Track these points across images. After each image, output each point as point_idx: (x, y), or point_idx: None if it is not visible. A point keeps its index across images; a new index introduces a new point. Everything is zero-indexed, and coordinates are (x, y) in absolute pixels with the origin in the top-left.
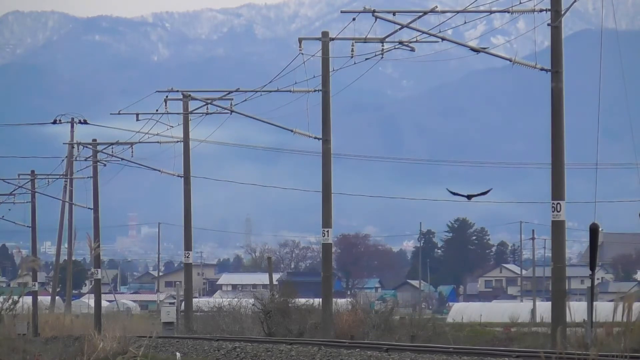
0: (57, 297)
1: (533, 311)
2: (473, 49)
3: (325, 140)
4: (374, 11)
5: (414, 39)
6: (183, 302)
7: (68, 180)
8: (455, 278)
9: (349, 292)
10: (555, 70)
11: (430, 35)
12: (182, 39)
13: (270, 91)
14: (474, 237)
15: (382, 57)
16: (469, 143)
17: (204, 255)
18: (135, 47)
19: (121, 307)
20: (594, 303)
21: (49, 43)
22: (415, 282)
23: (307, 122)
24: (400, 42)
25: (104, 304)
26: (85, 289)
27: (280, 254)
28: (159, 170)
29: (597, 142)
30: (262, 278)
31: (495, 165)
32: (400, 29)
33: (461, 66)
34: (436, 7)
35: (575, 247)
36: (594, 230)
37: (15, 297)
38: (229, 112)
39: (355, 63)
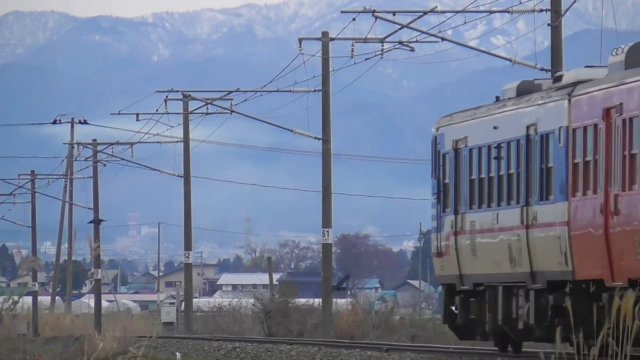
0: (57, 297)
1: None
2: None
3: (325, 140)
4: (374, 11)
5: (414, 39)
6: (183, 302)
7: (68, 180)
8: None
9: (349, 292)
10: (555, 71)
11: (430, 35)
12: (182, 39)
13: (270, 91)
14: None
15: (382, 57)
16: None
17: (204, 255)
18: (135, 47)
19: (121, 307)
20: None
21: (49, 43)
22: (415, 282)
23: (307, 122)
24: (400, 42)
25: (104, 304)
26: (85, 289)
27: (280, 254)
28: (159, 170)
29: None
30: (262, 278)
31: None
32: (400, 29)
33: (461, 66)
34: (436, 7)
35: None
36: None
37: (15, 297)
38: (229, 112)
39: (355, 63)
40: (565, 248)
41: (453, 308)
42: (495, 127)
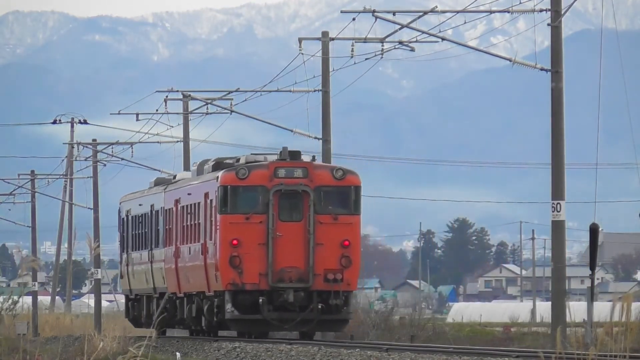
0: (57, 297)
1: (533, 311)
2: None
3: (325, 140)
4: (374, 11)
5: (414, 39)
6: None
7: (68, 180)
8: (455, 278)
9: None
10: (555, 70)
11: (430, 35)
12: (182, 39)
13: (270, 91)
14: (474, 237)
15: (382, 57)
16: (469, 143)
17: None
18: (135, 47)
19: (121, 307)
20: (594, 303)
21: (49, 43)
22: (415, 282)
23: (307, 122)
24: (400, 42)
25: (104, 304)
26: (85, 289)
27: None
28: (159, 170)
29: (597, 142)
30: None
31: (495, 165)
32: (400, 29)
33: (461, 66)
34: (436, 7)
35: (575, 247)
36: (594, 230)
37: (15, 297)
38: (229, 112)
39: (355, 63)
40: (163, 274)
41: (130, 308)
42: (140, 205)
